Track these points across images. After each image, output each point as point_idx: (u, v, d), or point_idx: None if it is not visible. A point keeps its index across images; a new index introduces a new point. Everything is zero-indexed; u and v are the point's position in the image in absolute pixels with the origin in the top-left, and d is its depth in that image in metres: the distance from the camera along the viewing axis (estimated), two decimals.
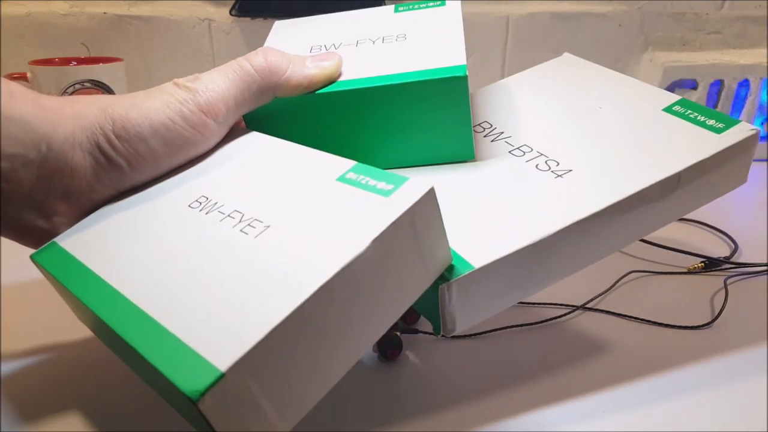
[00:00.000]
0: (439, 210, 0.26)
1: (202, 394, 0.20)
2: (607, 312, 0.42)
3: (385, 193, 0.25)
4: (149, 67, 0.77)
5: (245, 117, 0.34)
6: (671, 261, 0.49)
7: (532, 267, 0.30)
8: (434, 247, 0.26)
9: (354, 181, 0.26)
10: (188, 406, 0.21)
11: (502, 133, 0.37)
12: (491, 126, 0.38)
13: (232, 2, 0.74)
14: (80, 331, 0.39)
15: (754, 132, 0.34)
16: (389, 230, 0.24)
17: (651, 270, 0.48)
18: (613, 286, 0.46)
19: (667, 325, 0.41)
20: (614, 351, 0.38)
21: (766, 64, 0.74)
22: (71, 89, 0.62)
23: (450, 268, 0.28)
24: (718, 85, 0.76)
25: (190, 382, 0.21)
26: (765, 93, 0.75)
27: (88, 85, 0.63)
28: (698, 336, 0.40)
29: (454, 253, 0.29)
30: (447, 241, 0.27)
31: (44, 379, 0.36)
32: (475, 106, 0.40)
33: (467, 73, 0.31)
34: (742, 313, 0.42)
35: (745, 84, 0.75)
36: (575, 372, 0.36)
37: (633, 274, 0.48)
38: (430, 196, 0.25)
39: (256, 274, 0.24)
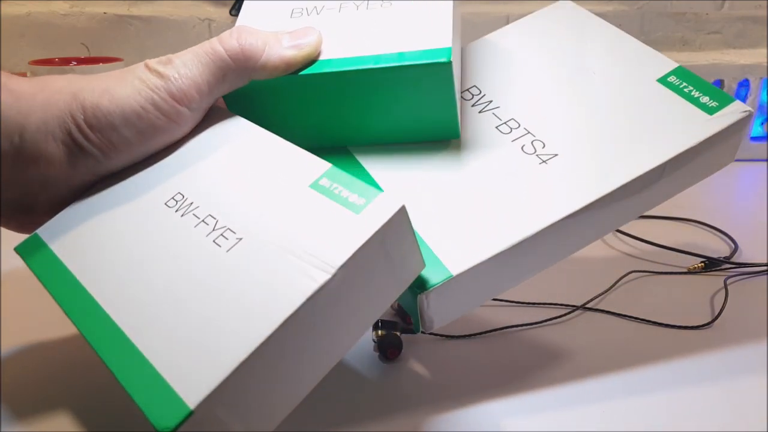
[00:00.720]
0: (410, 225, 0.26)
1: (173, 430, 0.22)
2: (607, 312, 0.42)
3: (356, 209, 0.25)
4: None
5: (224, 96, 0.33)
6: (671, 261, 0.49)
7: (511, 265, 0.30)
8: (405, 260, 0.26)
9: (326, 190, 0.26)
10: None
11: (491, 102, 0.36)
12: (480, 93, 0.37)
13: (232, 2, 0.74)
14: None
15: (746, 113, 0.33)
16: (358, 252, 0.24)
17: (651, 270, 0.48)
18: (613, 286, 0.46)
19: (667, 325, 0.41)
20: (614, 351, 0.38)
21: (766, 64, 0.74)
22: None
23: (428, 277, 0.28)
24: (718, 85, 0.76)
25: (161, 418, 0.22)
26: (765, 93, 0.75)
27: None
28: (698, 336, 0.40)
29: (433, 256, 0.29)
30: (419, 251, 0.27)
31: (40, 375, 0.36)
32: (466, 64, 0.39)
33: (452, 58, 0.30)
34: (742, 313, 0.42)
35: (745, 84, 0.75)
36: (575, 372, 0.36)
37: (633, 274, 0.48)
38: (401, 214, 0.25)
39: (227, 298, 0.25)
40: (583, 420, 0.32)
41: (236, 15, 0.74)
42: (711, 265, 0.48)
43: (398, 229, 0.25)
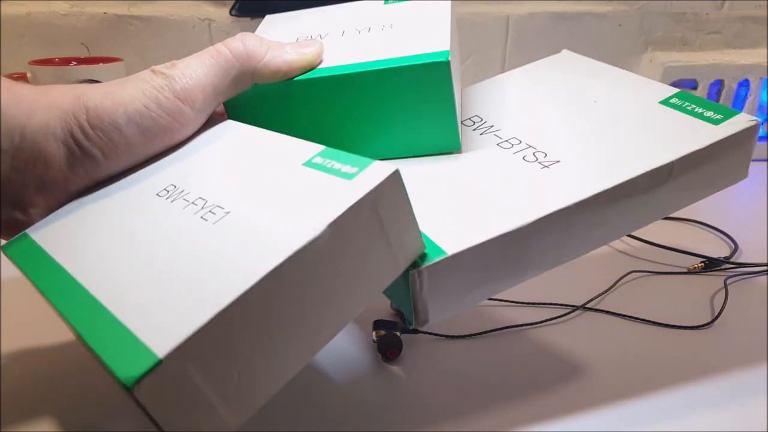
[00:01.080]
0: (405, 194, 0.25)
1: (138, 381, 0.20)
2: (607, 312, 0.42)
3: (348, 176, 0.24)
4: (149, 67, 0.77)
5: (225, 105, 0.33)
6: (671, 261, 0.49)
7: (510, 257, 0.29)
8: (401, 234, 0.25)
9: (319, 165, 0.26)
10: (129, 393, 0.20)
11: (492, 126, 0.36)
12: (481, 120, 0.37)
13: (232, 2, 0.74)
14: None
15: (753, 123, 0.33)
16: (348, 214, 0.23)
17: (651, 270, 0.48)
18: (613, 286, 0.46)
19: (667, 325, 0.41)
20: (614, 351, 0.38)
21: (766, 64, 0.74)
22: None
23: (422, 255, 0.27)
24: (718, 85, 0.76)
25: (126, 368, 0.20)
26: (765, 93, 0.75)
27: None
28: (698, 336, 0.40)
29: (428, 239, 0.28)
30: (417, 227, 0.26)
31: (40, 377, 0.36)
32: (467, 101, 0.39)
33: (450, 59, 0.30)
34: (742, 313, 0.42)
35: (745, 84, 0.75)
36: (575, 372, 0.36)
37: (633, 274, 0.48)
38: (395, 179, 0.24)
39: (208, 260, 0.23)
40: (582, 419, 0.32)
41: (236, 15, 0.74)
42: (711, 265, 0.48)
43: (392, 195, 0.24)
